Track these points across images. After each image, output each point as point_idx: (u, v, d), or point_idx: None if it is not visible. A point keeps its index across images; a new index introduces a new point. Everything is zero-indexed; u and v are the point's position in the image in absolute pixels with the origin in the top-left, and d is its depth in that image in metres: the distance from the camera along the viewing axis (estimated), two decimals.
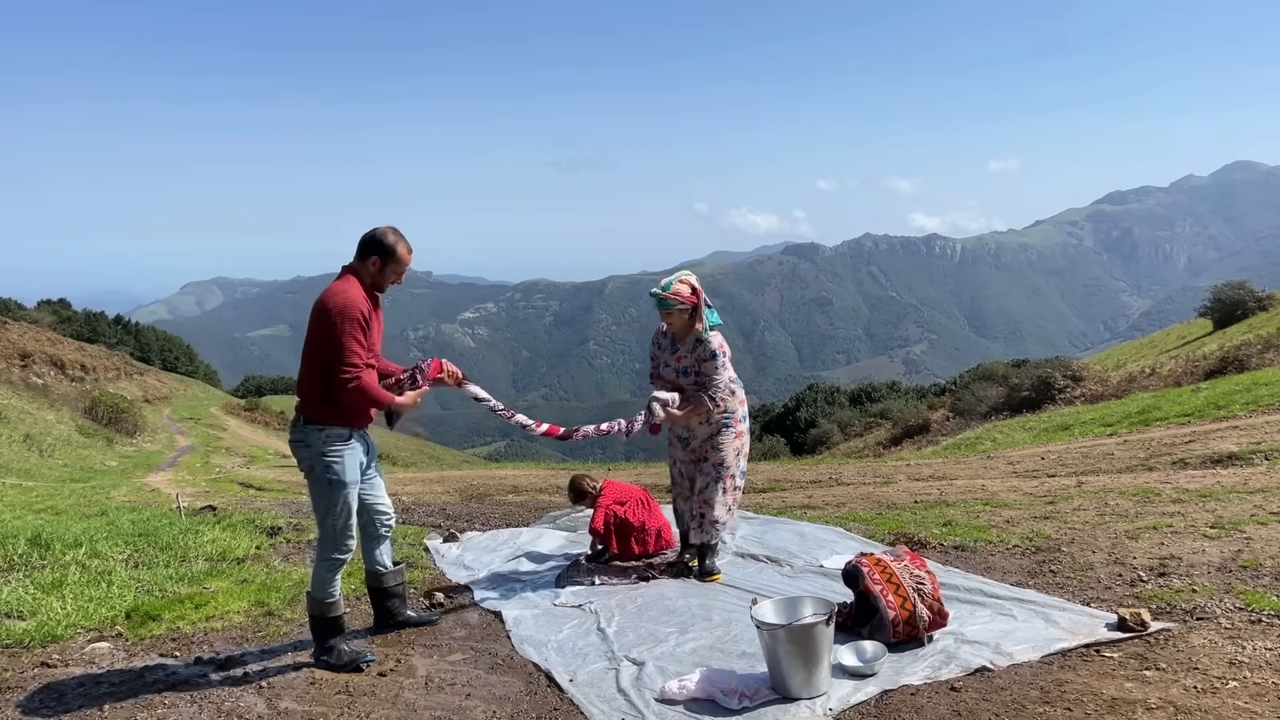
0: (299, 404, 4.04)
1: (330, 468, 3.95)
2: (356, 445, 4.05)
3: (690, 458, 5.29)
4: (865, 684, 3.60)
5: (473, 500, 11.41)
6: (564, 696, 3.70)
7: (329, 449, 3.94)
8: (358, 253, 4.00)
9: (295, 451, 4.02)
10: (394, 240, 3.98)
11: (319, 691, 3.83)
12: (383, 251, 3.97)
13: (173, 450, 29.14)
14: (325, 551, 4.05)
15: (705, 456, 5.21)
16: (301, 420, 3.98)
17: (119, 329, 64.92)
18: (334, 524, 4.00)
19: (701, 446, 5.22)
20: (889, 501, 8.11)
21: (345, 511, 4.00)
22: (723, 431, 5.17)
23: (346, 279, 3.97)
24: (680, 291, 5.05)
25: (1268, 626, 3.87)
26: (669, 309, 5.05)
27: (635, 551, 5.58)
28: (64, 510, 10.82)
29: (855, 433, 32.99)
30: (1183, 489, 7.10)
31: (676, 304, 5.02)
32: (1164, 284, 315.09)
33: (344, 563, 4.08)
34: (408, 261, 4.06)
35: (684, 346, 5.14)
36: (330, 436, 3.94)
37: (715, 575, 5.24)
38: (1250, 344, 19.89)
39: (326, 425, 3.94)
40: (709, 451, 5.20)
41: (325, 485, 3.97)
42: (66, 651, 4.41)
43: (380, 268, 3.98)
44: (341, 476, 3.96)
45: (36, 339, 39.74)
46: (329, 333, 3.82)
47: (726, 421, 5.17)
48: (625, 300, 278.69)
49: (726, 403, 5.13)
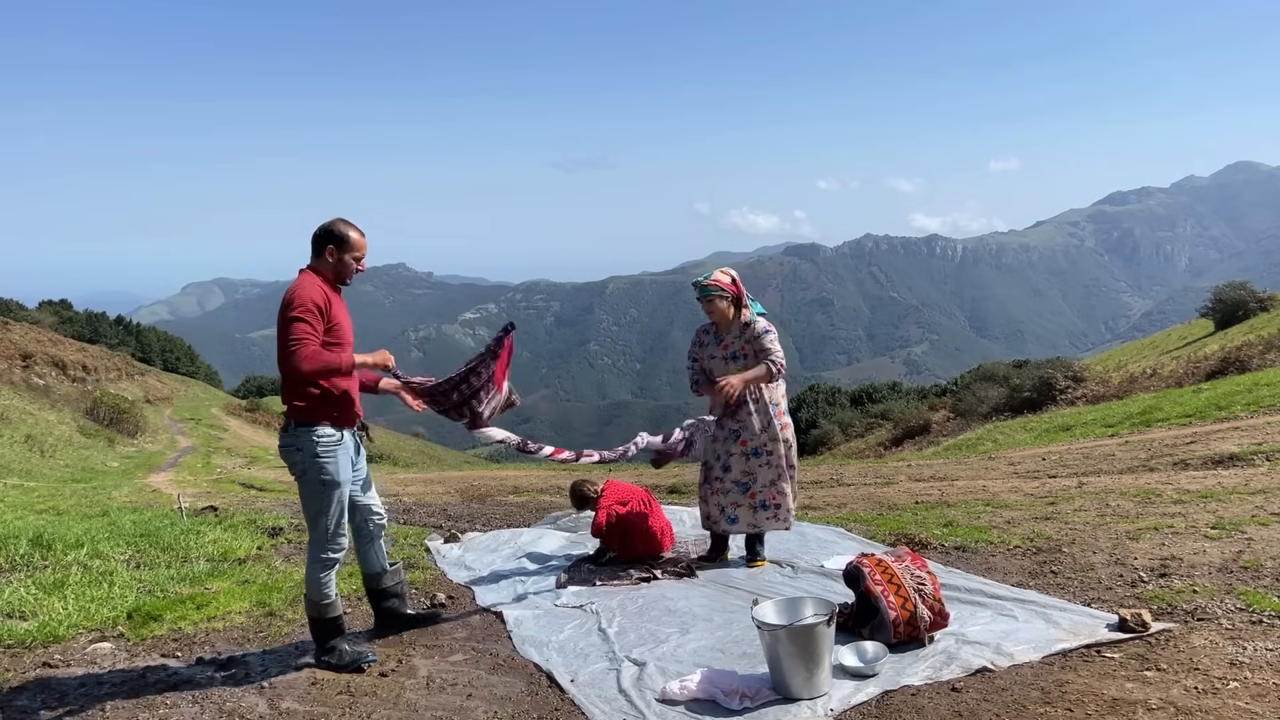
0: (286, 410, 4.06)
1: (323, 469, 3.96)
2: (347, 444, 4.06)
3: (743, 450, 5.33)
4: (866, 684, 3.60)
5: (474, 501, 11.42)
6: (565, 697, 3.70)
7: (320, 450, 3.95)
8: (313, 250, 4.04)
9: (286, 455, 4.03)
10: (344, 228, 4.04)
11: (320, 692, 3.83)
12: (337, 240, 4.01)
13: (174, 451, 29.15)
14: (316, 552, 4.06)
15: (768, 449, 5.30)
16: (291, 424, 4.00)
17: (120, 329, 64.95)
18: (326, 524, 4.01)
19: (759, 439, 5.30)
20: (890, 502, 8.11)
21: (337, 512, 4.02)
22: (772, 423, 5.30)
23: (301, 275, 4.02)
24: (720, 280, 5.31)
25: (1269, 627, 3.87)
26: (710, 295, 5.28)
27: (638, 550, 5.58)
28: (65, 511, 10.82)
29: (856, 433, 32.95)
30: (1184, 490, 7.09)
31: (717, 290, 5.27)
32: (1165, 285, 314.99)
33: (336, 562, 4.07)
34: (363, 245, 4.09)
35: (729, 334, 5.33)
36: (320, 437, 3.95)
37: (761, 562, 5.44)
38: (1251, 345, 19.87)
39: (315, 426, 3.95)
40: (769, 443, 5.30)
41: (318, 486, 3.98)
42: (68, 652, 4.42)
43: (338, 256, 4.02)
44: (335, 476, 3.98)
45: (38, 340, 39.76)
46: (280, 327, 3.86)
47: (772, 413, 5.31)
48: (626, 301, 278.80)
49: (777, 382, 5.31)
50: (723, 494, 5.39)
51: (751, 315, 5.34)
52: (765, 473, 5.32)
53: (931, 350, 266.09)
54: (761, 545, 5.55)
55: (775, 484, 5.32)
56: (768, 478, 5.32)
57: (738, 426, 5.31)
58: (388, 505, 10.30)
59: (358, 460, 4.23)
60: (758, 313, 5.40)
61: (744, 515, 5.37)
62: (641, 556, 5.57)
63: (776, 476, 5.31)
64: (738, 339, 5.31)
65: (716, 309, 5.31)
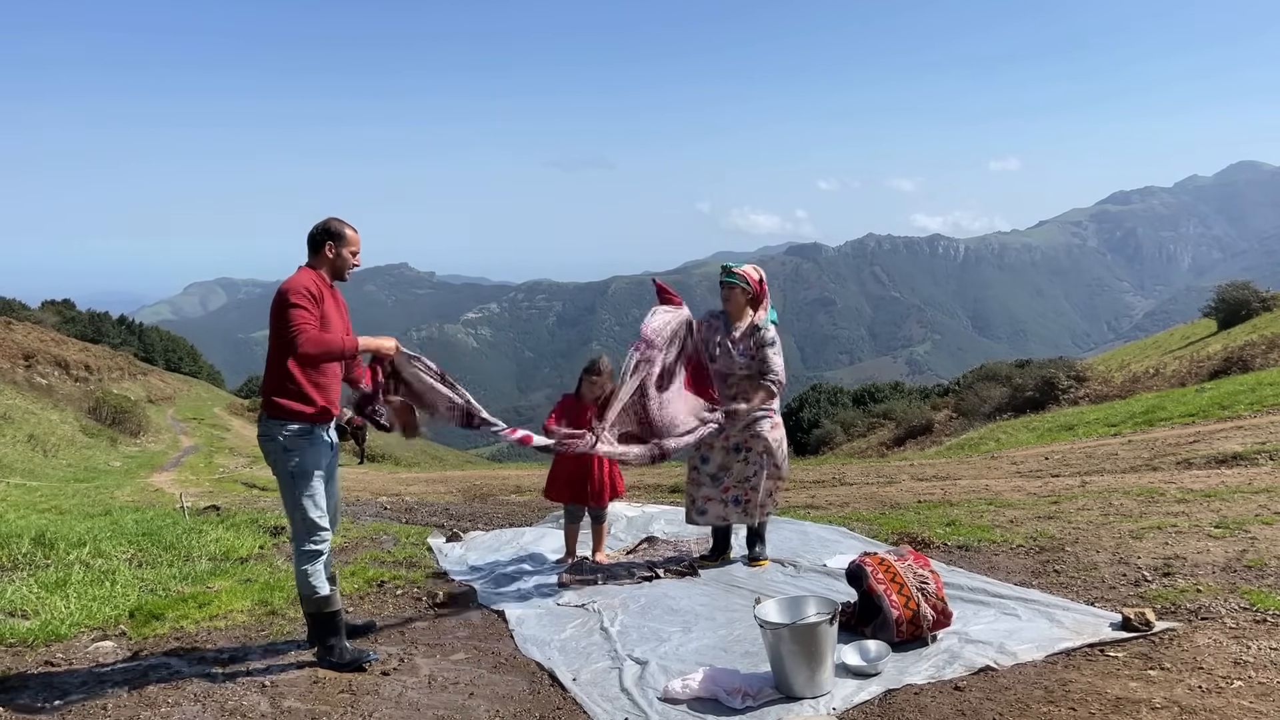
0: (262, 401, 4.14)
1: (292, 460, 4.01)
2: (319, 439, 4.08)
3: (724, 445, 5.34)
4: (869, 683, 3.59)
5: (476, 500, 11.43)
6: (567, 696, 3.70)
7: (290, 441, 4.00)
8: (311, 248, 4.16)
9: (262, 446, 4.11)
10: (340, 225, 4.19)
11: (322, 690, 3.83)
12: (334, 236, 4.16)
13: (176, 450, 29.17)
14: (299, 544, 4.09)
15: (747, 445, 5.31)
16: (264, 415, 4.08)
17: (123, 329, 65.00)
18: (302, 516, 4.05)
19: (741, 435, 5.30)
20: (892, 501, 8.10)
21: (311, 502, 4.04)
22: (760, 421, 5.30)
23: (297, 271, 4.13)
24: (748, 274, 5.34)
25: (1273, 626, 3.86)
26: (732, 283, 5.30)
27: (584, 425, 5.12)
28: (68, 510, 10.83)
29: (859, 433, 32.90)
30: (1187, 489, 7.08)
31: (742, 281, 5.29)
32: (1168, 284, 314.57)
33: (320, 554, 4.07)
34: (358, 241, 4.24)
35: (738, 330, 5.33)
36: (291, 429, 4.00)
37: (762, 561, 5.44)
38: (1254, 344, 19.84)
39: (287, 420, 4.00)
40: (750, 440, 5.30)
41: (288, 478, 4.03)
42: (70, 650, 4.42)
43: (337, 251, 4.15)
44: (302, 469, 4.02)
45: (41, 339, 39.81)
46: (276, 317, 3.96)
47: (763, 412, 5.30)
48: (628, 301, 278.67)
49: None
50: (697, 486, 5.42)
51: (765, 321, 5.33)
52: (741, 469, 5.33)
53: (934, 350, 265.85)
54: (763, 544, 5.55)
55: (749, 480, 5.32)
56: (743, 474, 5.33)
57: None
58: (390, 504, 10.32)
59: (332, 457, 4.22)
60: (771, 320, 5.39)
61: (713, 509, 5.40)
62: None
63: (752, 474, 5.32)
64: (746, 338, 5.31)
65: (734, 299, 5.32)
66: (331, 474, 4.19)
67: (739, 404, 5.20)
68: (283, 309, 3.92)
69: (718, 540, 5.64)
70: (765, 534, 5.59)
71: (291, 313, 3.90)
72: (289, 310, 3.90)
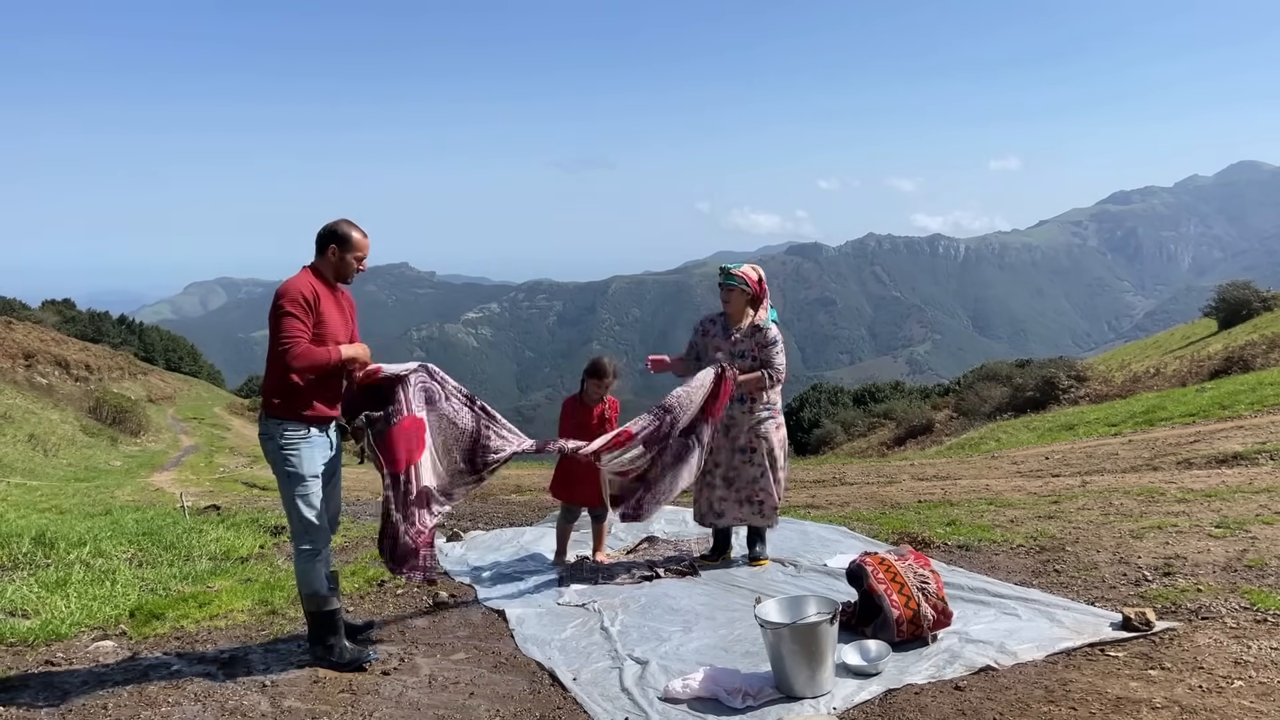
0: (262, 400, 4.15)
1: (289, 460, 4.01)
2: (316, 440, 4.08)
3: (730, 445, 5.34)
4: (869, 683, 3.59)
5: (476, 499, 11.42)
6: (567, 695, 3.70)
7: (287, 442, 4.01)
8: (317, 248, 4.13)
9: (262, 445, 4.12)
10: (348, 228, 4.13)
11: (322, 690, 3.83)
12: (339, 240, 4.11)
13: (177, 450, 29.18)
14: (297, 543, 4.10)
15: (752, 447, 5.32)
16: (264, 415, 4.09)
17: (123, 329, 64.98)
18: (299, 516, 4.05)
19: (746, 436, 5.31)
20: (893, 501, 8.10)
21: (308, 503, 4.05)
22: (765, 422, 5.32)
23: (299, 272, 4.11)
24: (747, 274, 5.34)
25: (1273, 626, 3.86)
26: (732, 285, 5.30)
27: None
28: (68, 510, 10.83)
29: (859, 433, 32.90)
30: (1187, 489, 7.08)
31: (740, 283, 5.29)
32: (1168, 284, 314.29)
33: (317, 553, 4.07)
34: (365, 246, 4.17)
35: (739, 331, 5.33)
36: (290, 429, 4.01)
37: (763, 561, 5.44)
38: (1255, 344, 19.83)
39: (285, 420, 4.01)
40: (755, 440, 5.31)
41: (286, 478, 4.04)
42: (71, 650, 4.42)
43: (340, 255, 4.11)
44: (299, 469, 4.02)
45: (41, 339, 39.82)
46: (270, 322, 3.96)
47: (767, 413, 5.32)
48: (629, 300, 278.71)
49: (772, 393, 5.34)
50: (710, 489, 5.42)
51: (766, 320, 5.35)
52: (749, 470, 5.34)
53: (934, 349, 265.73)
54: (763, 544, 5.55)
55: (758, 481, 5.34)
56: (751, 475, 5.34)
57: (727, 423, 5.31)
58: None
59: (333, 464, 4.22)
60: (771, 319, 5.41)
61: (730, 510, 5.42)
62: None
63: (760, 474, 5.33)
64: (747, 338, 5.31)
65: (734, 300, 5.33)
66: (333, 474, 4.19)
67: (736, 372, 5.13)
68: (276, 316, 3.93)
69: (718, 540, 5.64)
70: (766, 534, 5.60)
71: (283, 322, 3.90)
72: (281, 319, 3.91)
